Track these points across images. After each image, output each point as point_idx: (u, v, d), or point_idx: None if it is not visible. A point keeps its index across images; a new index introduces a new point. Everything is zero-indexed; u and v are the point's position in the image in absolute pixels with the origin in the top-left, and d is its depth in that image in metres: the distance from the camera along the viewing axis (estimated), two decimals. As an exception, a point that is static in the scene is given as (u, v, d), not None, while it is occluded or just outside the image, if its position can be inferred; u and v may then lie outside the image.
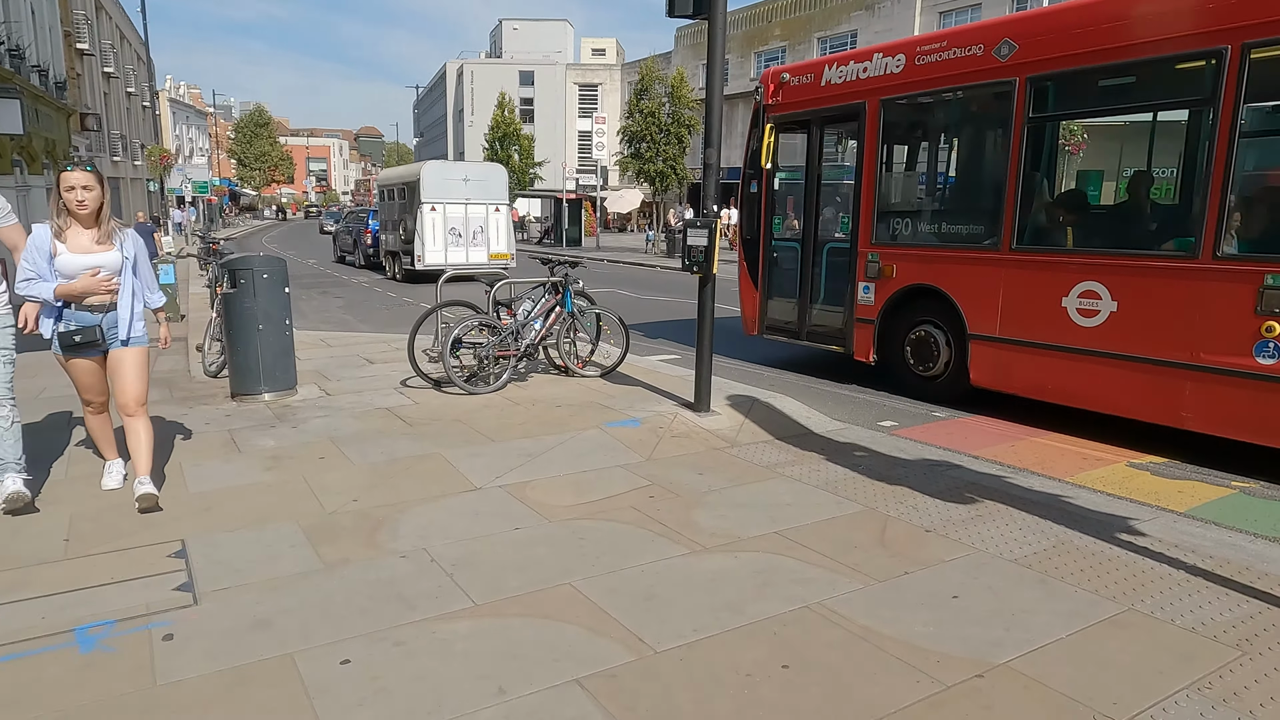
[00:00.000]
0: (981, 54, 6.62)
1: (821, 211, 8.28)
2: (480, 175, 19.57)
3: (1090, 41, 5.92)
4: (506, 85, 60.56)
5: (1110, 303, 5.88)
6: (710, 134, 5.85)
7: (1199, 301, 5.40)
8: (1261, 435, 5.24)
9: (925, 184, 7.92)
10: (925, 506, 4.45)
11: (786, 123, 8.41)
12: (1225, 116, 5.26)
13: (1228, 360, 5.28)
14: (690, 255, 5.95)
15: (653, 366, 8.11)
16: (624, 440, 5.59)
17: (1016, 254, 6.45)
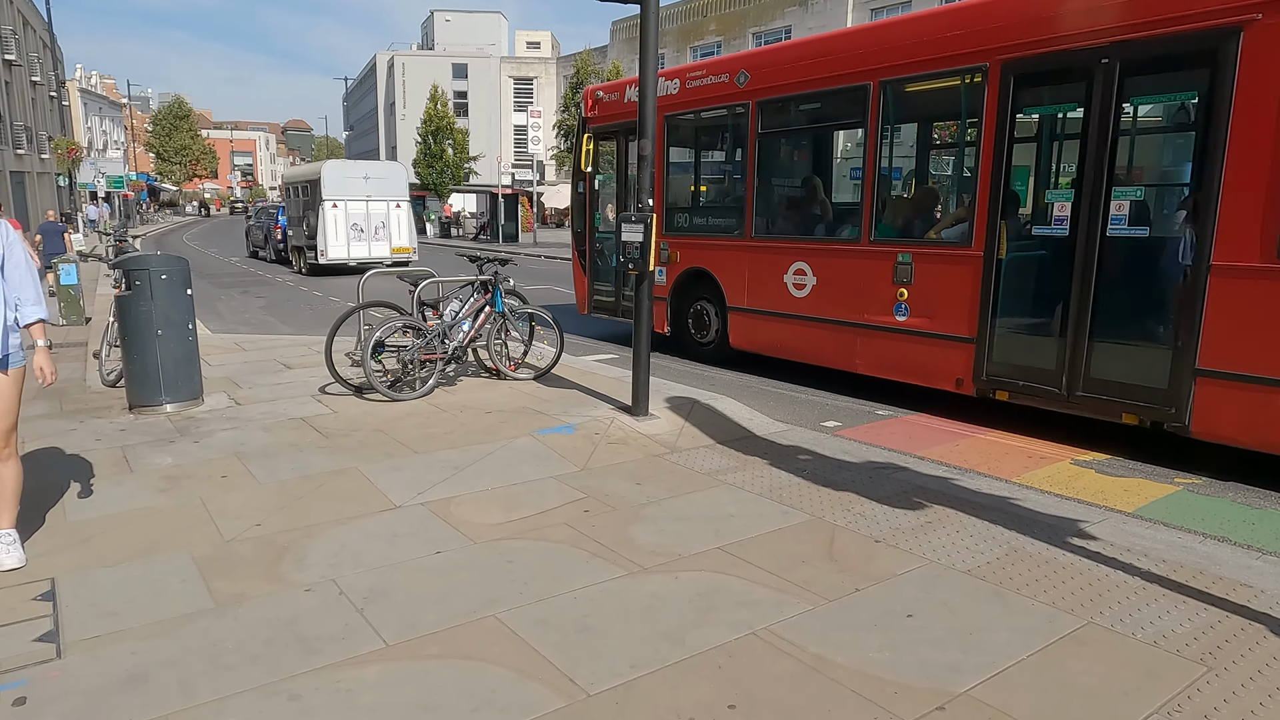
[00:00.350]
0: (727, 81, 8.15)
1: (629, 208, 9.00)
2: (380, 174, 20.91)
3: (793, 75, 7.54)
4: (439, 78, 59.28)
5: (812, 278, 7.49)
6: (645, 125, 5.56)
7: (863, 275, 7.02)
8: (901, 374, 6.87)
9: (697, 186, 9.46)
10: (873, 514, 4.25)
11: (602, 133, 9.78)
12: (872, 136, 6.87)
13: (880, 319, 6.91)
14: (625, 252, 5.66)
15: (589, 368, 7.80)
16: (557, 448, 5.27)
17: (754, 241, 8.05)
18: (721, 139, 9.02)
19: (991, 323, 6.11)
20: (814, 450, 5.39)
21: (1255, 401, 4.88)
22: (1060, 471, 5.14)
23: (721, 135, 8.96)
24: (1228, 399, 4.98)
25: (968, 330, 6.24)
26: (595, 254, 10.12)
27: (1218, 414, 5.06)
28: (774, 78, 7.68)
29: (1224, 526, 4.25)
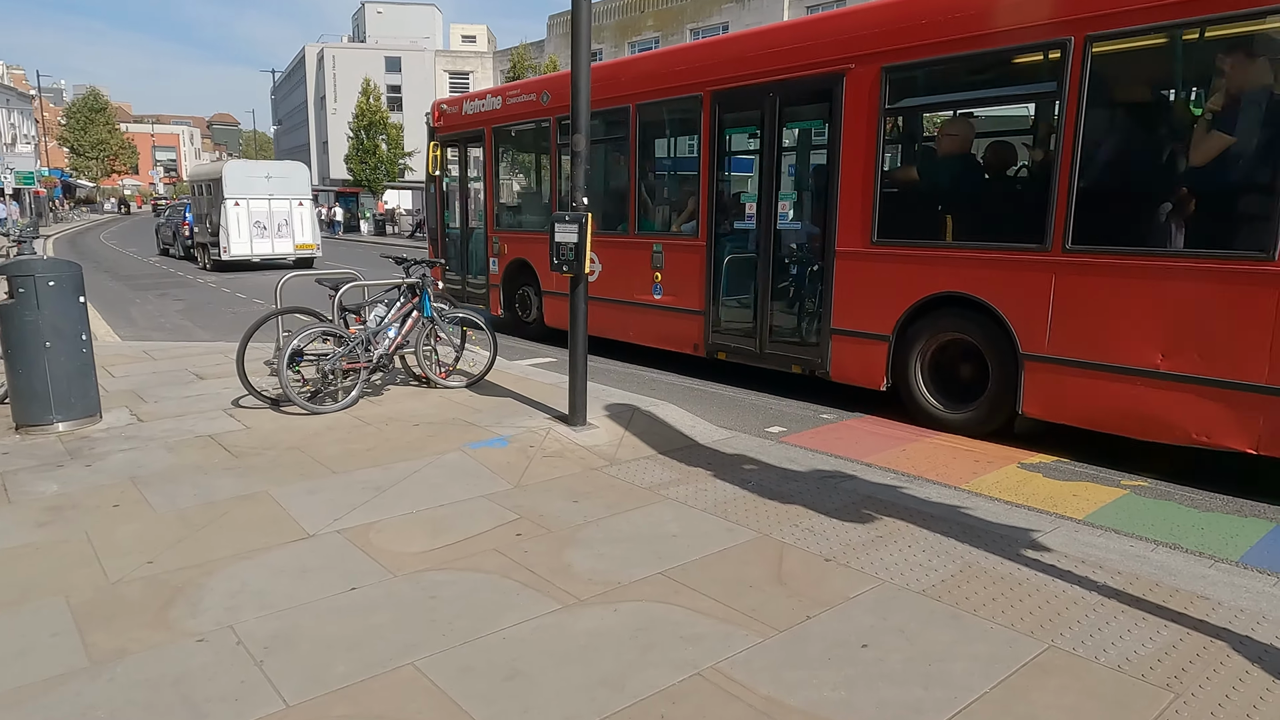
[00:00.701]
0: (535, 100, 9.55)
1: (469, 207, 11.13)
2: (282, 173, 22.08)
3: (537, 109, 9.34)
4: (372, 71, 57.81)
5: (598, 265, 8.53)
6: (578, 119, 5.27)
7: (632, 262, 8.42)
8: (660, 342, 8.31)
9: (517, 188, 10.99)
10: (823, 529, 4.05)
11: (447, 142, 11.20)
12: (633, 149, 8.37)
13: (643, 297, 8.30)
14: (559, 254, 5.36)
15: (524, 373, 7.47)
16: (489, 464, 4.95)
17: None
18: (534, 148, 10.30)
19: (713, 298, 7.67)
20: (759, 459, 5.18)
21: (865, 351, 6.53)
22: (1008, 476, 5.04)
23: (533, 145, 10.24)
24: (850, 351, 6.64)
25: (699, 305, 7.77)
26: (445, 246, 11.70)
27: (846, 363, 6.71)
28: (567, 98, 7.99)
29: (1174, 532, 4.17)
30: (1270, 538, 4.08)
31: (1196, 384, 4.82)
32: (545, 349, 9.54)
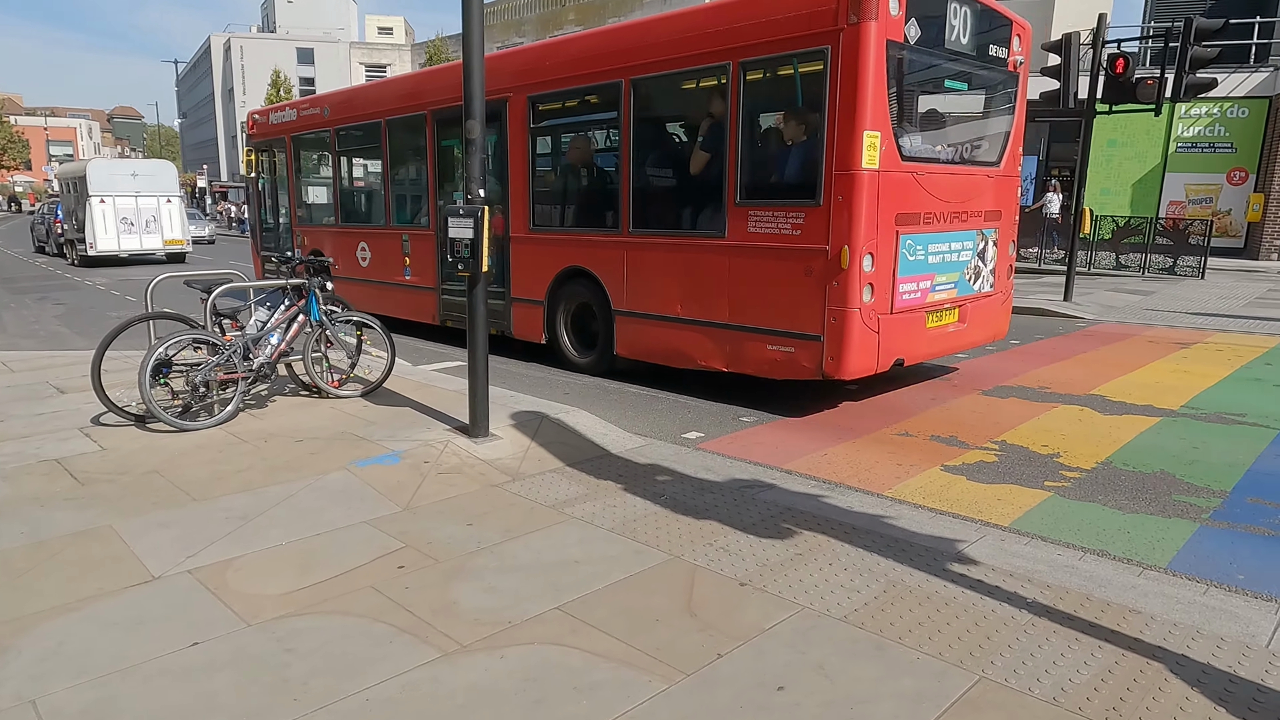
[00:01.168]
0: (319, 113, 11.11)
1: (280, 205, 12.65)
2: (149, 171, 22.98)
3: (349, 111, 10.56)
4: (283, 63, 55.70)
5: (369, 253, 10.48)
6: (471, 105, 4.83)
7: (389, 249, 10.08)
8: (412, 315, 9.77)
9: (312, 188, 12.04)
10: (739, 547, 3.73)
11: (260, 148, 12.68)
12: (385, 157, 10.04)
13: (398, 278, 9.80)
14: (453, 250, 4.91)
15: (428, 379, 6.97)
16: (377, 484, 4.48)
17: (341, 228, 11.12)
18: (321, 154, 11.67)
19: (442, 278, 9.26)
20: (674, 469, 4.84)
21: (531, 313, 8.26)
22: (931, 481, 4.82)
23: (321, 152, 11.62)
24: (522, 314, 8.38)
25: (433, 283, 9.42)
26: (266, 240, 13.06)
27: (521, 324, 8.44)
28: (343, 111, 10.61)
29: (1101, 537, 4.00)
30: (1195, 540, 3.94)
31: (697, 325, 6.78)
32: (456, 351, 9.03)
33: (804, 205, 5.91)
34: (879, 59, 5.59)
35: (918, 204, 6.15)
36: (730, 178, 6.34)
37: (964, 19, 6.36)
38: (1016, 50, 6.99)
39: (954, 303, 6.77)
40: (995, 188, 7.07)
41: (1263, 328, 10.18)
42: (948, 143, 6.82)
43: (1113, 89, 11.76)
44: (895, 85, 5.86)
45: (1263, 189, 19.04)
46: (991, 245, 7.10)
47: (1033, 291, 13.82)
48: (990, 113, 7.20)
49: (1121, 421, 6.01)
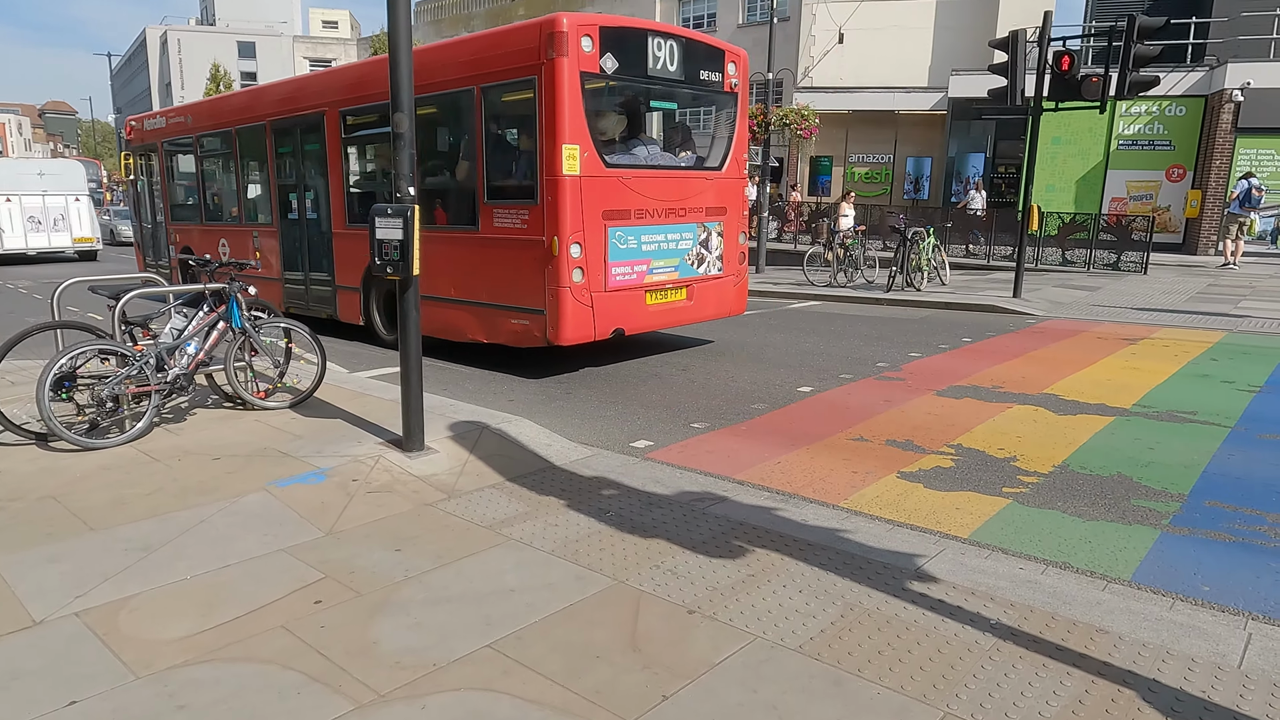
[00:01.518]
0: (184, 121, 12.19)
1: (156, 204, 13.48)
2: (57, 170, 23.66)
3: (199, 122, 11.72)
4: (223, 56, 54.07)
5: (228, 248, 11.42)
6: (399, 96, 4.51)
7: (242, 244, 11.13)
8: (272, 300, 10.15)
9: (183, 191, 12.91)
10: (688, 569, 3.50)
11: (138, 151, 13.66)
12: (236, 162, 11.08)
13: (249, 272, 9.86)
14: (381, 252, 4.58)
15: (364, 387, 6.61)
16: (299, 505, 4.14)
17: (205, 226, 12.07)
18: (189, 158, 12.36)
19: (284, 270, 10.38)
20: (620, 482, 4.59)
21: (352, 299, 9.37)
22: (888, 489, 4.65)
23: (189, 156, 12.33)
24: (346, 300, 9.47)
25: (277, 275, 10.42)
26: (145, 235, 14.12)
27: (345, 308, 9.56)
28: (203, 120, 11.77)
29: (1062, 547, 3.86)
30: (1158, 549, 3.82)
31: (464, 304, 7.90)
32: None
33: (527, 204, 7.18)
34: (573, 87, 6.82)
35: (627, 202, 7.39)
36: (479, 181, 7.59)
37: (669, 51, 7.63)
38: (732, 75, 8.31)
39: (678, 284, 8.03)
40: (718, 188, 8.37)
41: (1206, 322, 10.30)
42: (661, 151, 8.05)
43: (1059, 86, 11.81)
44: (594, 106, 7.18)
45: (1200, 186, 19.48)
46: (716, 236, 8.37)
47: (981, 288, 13.88)
48: (709, 126, 8.70)
49: (1076, 422, 5.93)
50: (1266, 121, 18.23)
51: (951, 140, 23.85)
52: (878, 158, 26.12)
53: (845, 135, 25.99)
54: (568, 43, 6.72)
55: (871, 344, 9.17)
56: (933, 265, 14.30)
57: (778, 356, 8.46)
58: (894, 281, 13.44)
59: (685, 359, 8.34)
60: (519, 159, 7.43)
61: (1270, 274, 15.57)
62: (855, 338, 9.60)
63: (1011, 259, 16.21)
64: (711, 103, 8.48)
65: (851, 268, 14.61)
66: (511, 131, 7.62)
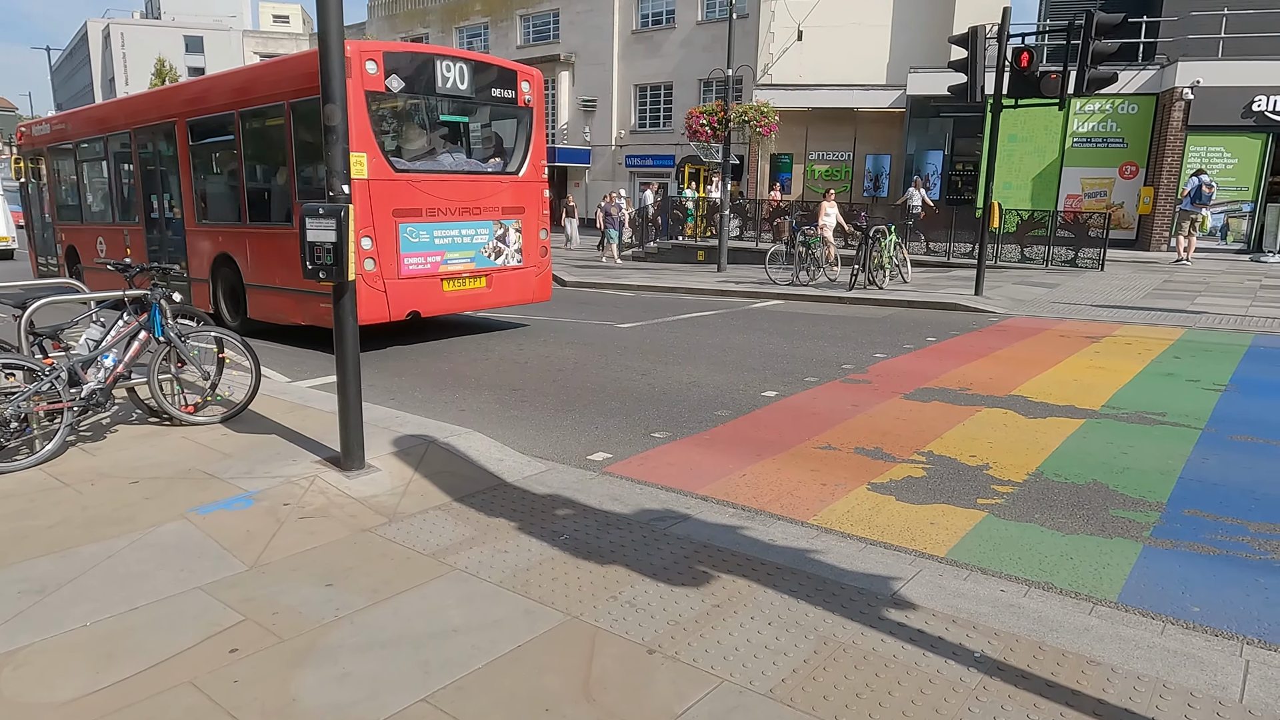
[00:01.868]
0: (66, 128, 12.99)
1: (44, 204, 14.24)
2: None
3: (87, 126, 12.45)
4: (169, 50, 52.58)
5: (105, 245, 12.14)
6: (330, 87, 4.15)
7: (115, 240, 11.91)
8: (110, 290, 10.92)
9: (67, 192, 13.49)
10: (648, 600, 3.22)
11: (28, 155, 14.45)
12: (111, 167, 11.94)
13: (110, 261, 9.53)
14: (313, 256, 4.22)
15: (305, 397, 6.21)
16: (221, 535, 3.77)
17: (86, 226, 12.79)
18: (72, 163, 12.97)
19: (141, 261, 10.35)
20: (576, 500, 4.29)
21: (203, 289, 10.18)
22: (859, 502, 4.41)
23: (71, 160, 12.95)
24: (198, 290, 10.27)
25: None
26: (38, 234, 14.75)
27: (197, 297, 10.24)
28: (81, 127, 12.48)
29: (1043, 566, 3.65)
30: (1142, 565, 3.64)
31: (288, 291, 8.82)
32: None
33: None
34: (358, 104, 7.81)
35: (417, 202, 8.52)
36: (293, 183, 8.77)
37: (459, 72, 8.82)
38: (526, 92, 9.49)
39: (475, 273, 9.15)
40: (515, 190, 9.50)
41: (1165, 319, 10.32)
42: (456, 158, 9.14)
43: (1018, 83, 11.77)
44: (381, 119, 8.39)
45: (1152, 183, 19.74)
46: (514, 232, 9.49)
47: (943, 285, 13.83)
48: (504, 136, 9.78)
49: (1046, 425, 5.77)
50: (1216, 119, 18.51)
51: (910, 138, 23.91)
52: (837, 155, 26.12)
53: (805, 133, 25.94)
54: (352, 66, 7.75)
55: (836, 345, 8.98)
56: (894, 263, 14.22)
57: (741, 359, 8.23)
58: (856, 280, 13.32)
59: (646, 363, 8.06)
60: (320, 164, 8.25)
61: (1222, 270, 15.79)
62: (819, 338, 9.41)
63: (971, 256, 16.23)
64: (508, 116, 9.67)
65: (814, 266, 14.47)
66: (316, 140, 8.25)
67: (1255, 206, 18.74)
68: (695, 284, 14.76)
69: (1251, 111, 18.27)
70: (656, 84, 30.67)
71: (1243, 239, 19.00)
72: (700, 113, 21.21)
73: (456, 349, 8.88)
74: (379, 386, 7.11)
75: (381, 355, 8.57)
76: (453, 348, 8.95)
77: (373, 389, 7.00)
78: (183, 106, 10.12)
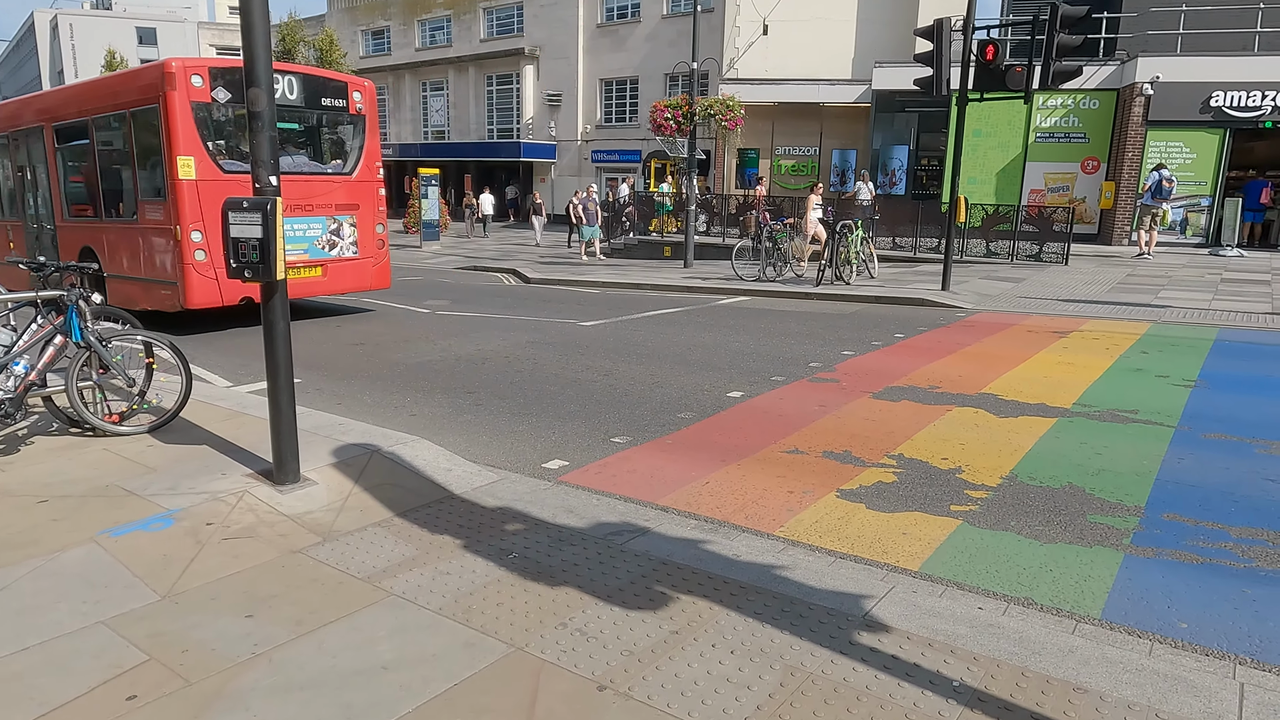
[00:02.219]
0: None
1: None
2: None
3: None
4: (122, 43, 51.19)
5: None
6: (255, 71, 3.82)
7: (2, 238, 12.63)
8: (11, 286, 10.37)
9: None
10: (599, 626, 2.95)
11: None
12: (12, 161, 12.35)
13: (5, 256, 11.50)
14: (238, 254, 3.89)
15: (241, 404, 5.85)
16: (134, 560, 3.44)
17: None
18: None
19: (33, 255, 10.89)
20: (528, 513, 4.01)
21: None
22: (828, 511, 4.19)
23: None
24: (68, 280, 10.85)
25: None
26: None
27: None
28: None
29: (1022, 579, 3.45)
30: (1124, 576, 3.45)
31: (136, 280, 9.81)
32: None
33: (161, 201, 9.23)
34: (185, 113, 8.81)
35: None
36: (135, 182, 9.61)
37: (288, 84, 9.69)
38: (357, 101, 10.36)
39: (310, 263, 9.95)
40: (348, 189, 10.34)
41: (1130, 313, 10.28)
42: (294, 159, 9.95)
43: (983, 76, 11.68)
44: (207, 127, 9.15)
45: (1113, 177, 19.90)
46: (349, 227, 10.33)
47: (910, 281, 13.73)
48: (337, 140, 10.66)
49: (1018, 425, 5.60)
50: (1175, 114, 18.69)
51: (876, 133, 23.89)
52: (803, 150, 26.05)
53: (771, 128, 25.83)
54: (177, 80, 8.76)
55: (803, 342, 8.78)
56: (861, 258, 14.09)
57: (706, 358, 7.99)
58: (823, 275, 13.16)
59: (608, 362, 7.79)
60: (157, 166, 9.28)
61: (1184, 263, 15.91)
62: (786, 336, 9.21)
63: (937, 251, 16.19)
64: (342, 122, 10.53)
65: (780, 261, 14.29)
66: (153, 144, 9.27)
67: (1213, 201, 18.96)
68: (662, 280, 14.51)
69: (1209, 107, 18.46)
70: (622, 78, 30.38)
71: (1201, 233, 19.21)
72: (665, 106, 20.96)
73: (413, 348, 8.53)
74: (326, 391, 6.76)
75: (329, 357, 8.20)
76: (409, 348, 8.61)
77: (320, 393, 6.66)
78: (47, 113, 11.02)
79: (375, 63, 39.07)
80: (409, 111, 38.07)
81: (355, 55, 38.59)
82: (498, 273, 17.08)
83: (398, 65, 38.09)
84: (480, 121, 34.95)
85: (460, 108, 35.62)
